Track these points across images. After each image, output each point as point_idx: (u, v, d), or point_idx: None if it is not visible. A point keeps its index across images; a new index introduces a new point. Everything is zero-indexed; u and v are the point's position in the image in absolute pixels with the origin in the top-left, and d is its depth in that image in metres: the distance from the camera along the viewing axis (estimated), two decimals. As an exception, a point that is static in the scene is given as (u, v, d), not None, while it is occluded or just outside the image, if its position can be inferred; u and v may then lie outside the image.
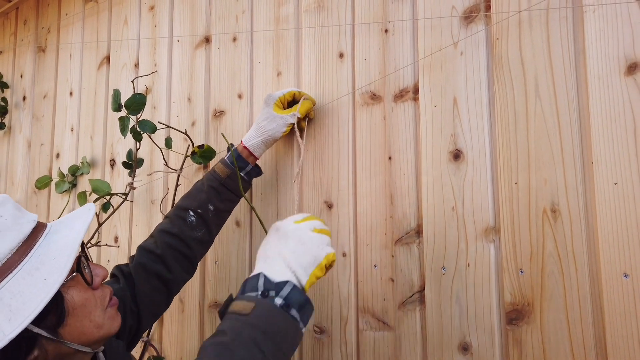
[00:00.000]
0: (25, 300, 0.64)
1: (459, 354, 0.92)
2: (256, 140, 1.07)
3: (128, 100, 1.20)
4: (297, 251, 0.76)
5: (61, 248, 0.70)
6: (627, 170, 0.79)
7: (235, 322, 0.68)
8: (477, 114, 0.94)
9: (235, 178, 1.06)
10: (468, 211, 0.93)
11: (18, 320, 0.63)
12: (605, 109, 0.82)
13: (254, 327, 0.67)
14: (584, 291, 0.81)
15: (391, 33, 1.06)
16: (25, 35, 1.97)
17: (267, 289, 0.71)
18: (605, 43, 0.83)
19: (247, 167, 1.07)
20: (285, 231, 0.79)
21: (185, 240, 1.02)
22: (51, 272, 0.67)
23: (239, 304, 0.70)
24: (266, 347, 0.65)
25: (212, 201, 1.04)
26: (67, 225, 0.75)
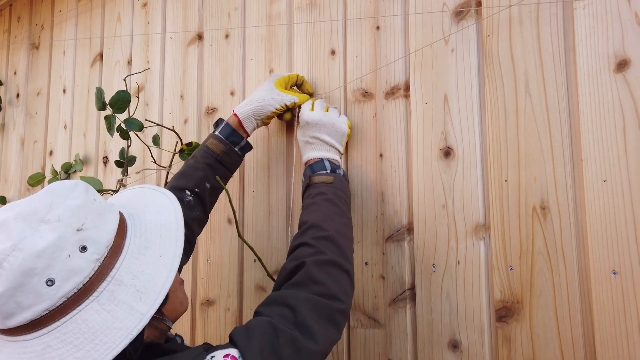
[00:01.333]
0: (149, 278, 0.64)
1: (448, 351, 0.92)
2: (247, 108, 1.05)
3: (112, 99, 1.19)
4: (331, 132, 1.01)
5: (162, 226, 0.70)
6: (616, 167, 0.79)
7: (328, 187, 0.94)
8: (467, 111, 0.94)
9: (231, 154, 1.05)
10: (458, 209, 0.93)
11: (150, 298, 0.63)
12: (594, 106, 0.82)
13: (339, 190, 0.94)
14: (573, 288, 0.81)
15: (382, 30, 1.06)
16: (19, 32, 1.96)
17: (334, 168, 0.98)
18: (595, 40, 0.83)
19: (241, 142, 1.06)
20: (315, 121, 1.01)
21: (185, 222, 1.00)
22: (164, 249, 0.67)
23: (322, 178, 0.95)
24: (347, 200, 0.96)
25: (209, 179, 1.02)
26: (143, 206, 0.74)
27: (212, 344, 0.70)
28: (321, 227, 0.84)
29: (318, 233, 0.83)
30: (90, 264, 0.62)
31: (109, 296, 0.62)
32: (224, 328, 1.23)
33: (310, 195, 0.94)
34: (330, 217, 0.87)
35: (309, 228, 0.86)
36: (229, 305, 1.23)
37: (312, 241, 0.82)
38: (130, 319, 0.61)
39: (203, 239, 1.30)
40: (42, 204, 0.63)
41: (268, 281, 1.16)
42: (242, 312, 1.21)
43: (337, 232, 0.85)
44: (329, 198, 0.91)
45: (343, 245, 0.83)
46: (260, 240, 1.19)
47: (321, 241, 0.82)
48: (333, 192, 0.93)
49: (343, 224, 0.88)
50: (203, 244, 1.30)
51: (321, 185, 0.94)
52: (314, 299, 0.73)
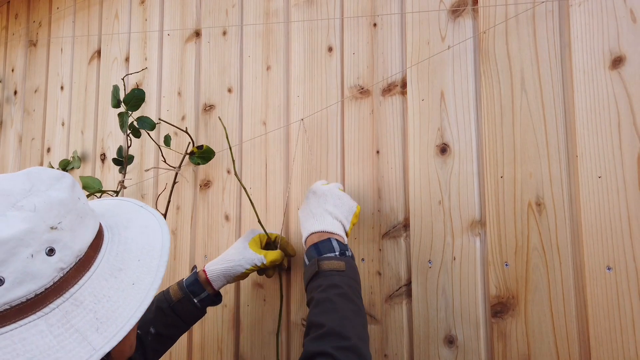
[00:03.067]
0: (115, 307, 0.53)
1: (444, 347, 0.92)
2: (216, 267, 1.00)
3: (127, 96, 1.19)
4: (337, 205, 0.92)
5: (143, 249, 0.60)
6: (611, 163, 0.80)
7: (341, 277, 0.82)
8: (463, 107, 0.94)
9: (186, 303, 0.96)
10: (454, 205, 0.93)
11: (110, 330, 0.52)
12: (590, 102, 0.82)
13: (352, 280, 0.83)
14: (568, 284, 0.82)
15: (379, 27, 1.06)
16: (17, 29, 1.96)
17: (343, 250, 0.87)
18: (590, 37, 0.83)
19: (201, 294, 0.98)
20: (322, 192, 0.94)
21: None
22: (139, 276, 0.57)
23: (332, 264, 0.84)
24: (359, 294, 0.83)
25: (156, 324, 0.94)
26: (125, 222, 0.65)
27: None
28: (342, 334, 0.73)
29: (340, 342, 0.72)
30: (52, 272, 0.51)
31: (62, 317, 0.51)
32: (221, 325, 1.23)
33: (320, 288, 0.81)
34: (349, 320, 0.76)
35: (328, 334, 0.73)
36: (226, 302, 1.23)
37: (334, 352, 0.70)
38: (79, 352, 0.50)
39: (200, 236, 1.30)
40: (19, 187, 0.52)
41: (266, 278, 1.16)
42: (239, 309, 1.21)
43: (359, 338, 0.74)
44: (343, 292, 0.79)
45: (365, 355, 0.73)
46: (258, 236, 1.19)
47: (345, 352, 0.71)
48: (347, 284, 0.81)
49: (362, 325, 0.77)
50: (200, 241, 1.30)
51: (333, 275, 0.82)
52: None
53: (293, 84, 1.17)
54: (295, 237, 1.13)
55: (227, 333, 1.22)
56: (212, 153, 1.21)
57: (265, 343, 1.15)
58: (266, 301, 1.16)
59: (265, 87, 1.22)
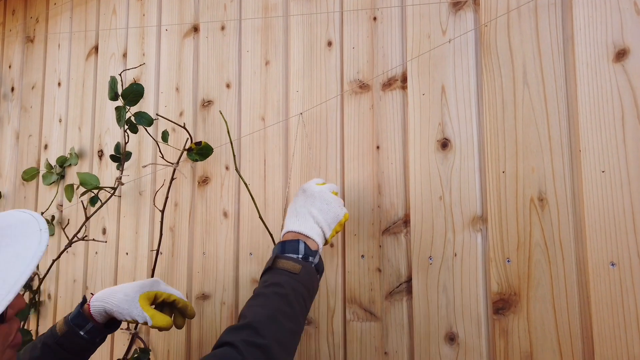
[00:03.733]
0: None
1: (445, 344, 0.91)
2: (100, 304, 0.94)
3: (125, 90, 1.17)
4: (323, 209, 0.89)
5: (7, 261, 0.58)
6: (614, 157, 0.78)
7: (289, 279, 0.79)
8: (465, 102, 0.93)
9: (72, 337, 0.92)
10: (455, 200, 0.92)
11: None
12: (593, 96, 0.81)
13: (302, 285, 0.79)
14: (571, 280, 0.80)
15: (379, 21, 1.05)
16: (14, 25, 1.95)
17: (307, 254, 0.84)
18: (593, 29, 0.82)
19: (87, 326, 0.93)
20: (312, 192, 0.91)
21: None
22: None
23: (287, 264, 0.81)
24: (307, 301, 0.80)
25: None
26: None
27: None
28: (259, 331, 0.71)
29: (253, 338, 0.70)
30: None
31: None
32: (220, 322, 1.22)
33: (266, 283, 0.80)
34: (276, 320, 0.73)
35: (246, 327, 0.71)
36: (225, 299, 1.22)
37: (242, 345, 0.68)
38: None
39: (199, 233, 1.29)
40: None
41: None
42: (238, 305, 1.20)
43: (277, 342, 0.71)
44: (284, 293, 0.77)
45: (276, 358, 0.70)
46: (256, 233, 1.18)
47: (253, 349, 0.68)
48: (292, 287, 0.78)
49: (288, 332, 0.74)
50: (199, 238, 1.29)
51: (283, 274, 0.80)
52: None
53: (292, 79, 1.16)
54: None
55: (226, 331, 1.21)
56: (210, 149, 1.20)
57: (264, 341, 1.14)
58: (265, 298, 1.15)
59: (264, 83, 1.21)
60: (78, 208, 1.57)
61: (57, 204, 1.64)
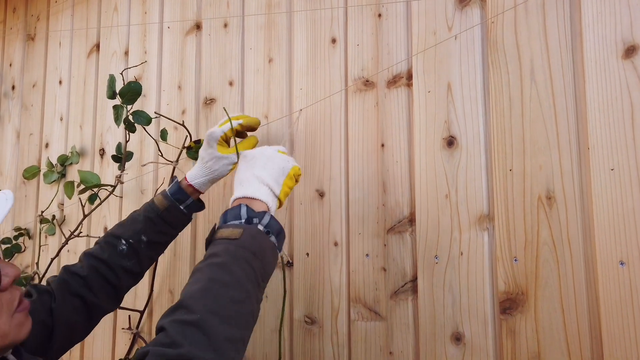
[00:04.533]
0: None
1: (451, 344, 0.90)
2: (202, 179, 1.01)
3: (123, 89, 1.16)
4: (267, 166, 0.84)
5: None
6: (624, 155, 0.77)
7: (227, 245, 0.73)
8: (471, 99, 0.92)
9: (173, 211, 1.00)
10: (462, 199, 0.91)
11: None
12: (602, 93, 0.80)
13: (244, 249, 0.73)
14: (579, 279, 0.79)
15: (384, 18, 1.04)
16: (15, 23, 1.94)
17: (251, 216, 0.78)
18: (602, 26, 0.81)
19: (187, 201, 1.01)
20: (252, 155, 0.87)
21: (113, 267, 0.95)
22: None
23: (226, 231, 0.75)
24: (256, 265, 0.73)
25: (147, 232, 0.98)
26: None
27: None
28: (189, 307, 0.65)
29: (182, 316, 0.65)
30: None
31: None
32: (222, 322, 1.21)
33: (204, 257, 0.75)
34: (208, 291, 0.67)
35: (177, 308, 0.67)
36: (227, 299, 1.21)
37: (170, 327, 0.63)
38: None
39: (201, 231, 1.28)
40: None
41: (267, 274, 1.14)
42: (241, 305, 1.19)
43: (211, 313, 0.65)
44: (220, 262, 0.71)
45: (214, 332, 0.63)
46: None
47: (182, 327, 0.63)
48: (231, 254, 0.72)
49: (229, 300, 0.67)
50: (201, 237, 1.28)
51: (221, 243, 0.74)
52: None
53: (295, 76, 1.15)
54: (300, 232, 1.11)
55: (229, 330, 1.20)
56: None
57: (267, 340, 1.13)
58: (268, 298, 1.14)
59: (267, 80, 1.20)
60: (79, 207, 1.56)
61: (57, 203, 1.63)
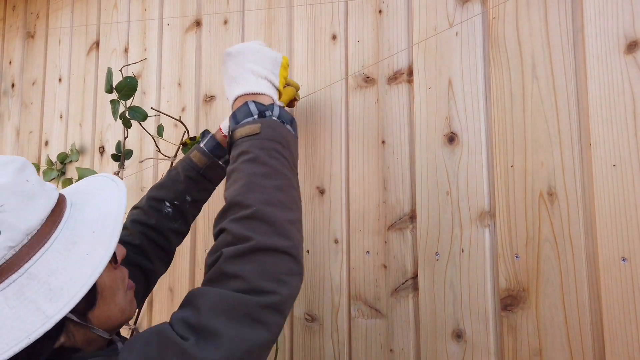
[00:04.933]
0: (67, 278, 0.57)
1: (452, 341, 0.89)
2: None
3: (119, 84, 1.16)
4: (258, 60, 0.83)
5: (98, 220, 0.63)
6: (626, 151, 0.77)
7: (252, 141, 0.74)
8: (472, 95, 0.92)
9: (214, 167, 0.98)
10: (463, 195, 0.91)
11: (62, 300, 0.55)
12: (604, 88, 0.79)
13: (270, 141, 0.75)
14: (581, 276, 0.79)
15: (385, 14, 1.03)
16: (14, 21, 1.93)
17: (262, 110, 0.78)
18: (604, 21, 0.80)
19: (225, 156, 0.98)
20: (237, 50, 0.85)
21: (162, 231, 0.95)
22: (94, 246, 0.60)
23: (244, 130, 0.76)
24: (286, 154, 0.75)
25: (190, 192, 0.97)
26: (91, 197, 0.67)
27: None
28: (241, 203, 0.69)
29: (238, 213, 0.68)
30: (1, 250, 0.55)
31: (17, 291, 0.55)
32: (222, 319, 1.21)
33: (232, 159, 0.76)
34: (253, 185, 0.70)
35: (228, 208, 0.70)
36: (228, 296, 1.20)
37: (230, 226, 0.67)
38: (33, 321, 0.54)
39: (201, 229, 1.27)
40: None
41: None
42: (241, 303, 1.19)
43: (265, 204, 0.68)
44: (252, 158, 0.73)
45: (275, 219, 0.67)
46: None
47: (243, 223, 0.67)
48: (259, 146, 0.74)
49: (274, 188, 0.71)
50: (201, 234, 1.27)
51: (244, 141, 0.76)
52: (226, 296, 0.61)
53: (296, 72, 1.14)
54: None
55: (229, 328, 1.20)
56: None
57: (268, 338, 1.12)
58: (268, 295, 1.14)
59: (267, 77, 1.19)
60: (79, 204, 1.55)
61: (58, 201, 1.63)
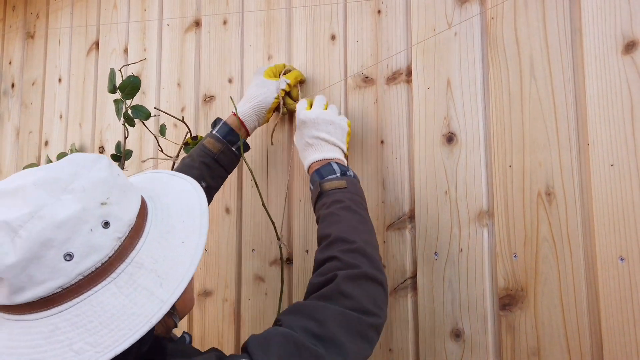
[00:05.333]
0: (171, 264, 0.60)
1: (451, 341, 0.90)
2: (246, 107, 1.02)
3: (123, 83, 1.16)
4: (331, 132, 0.95)
5: (183, 211, 0.66)
6: (623, 151, 0.77)
7: (342, 193, 0.86)
8: (471, 95, 0.92)
9: (228, 153, 1.01)
10: (461, 195, 0.91)
11: (172, 285, 0.58)
12: (601, 88, 0.80)
13: (356, 195, 0.87)
14: (579, 275, 0.79)
15: (384, 14, 1.03)
16: (14, 21, 1.93)
17: (343, 170, 0.91)
18: (602, 21, 0.81)
19: (237, 142, 1.03)
20: (311, 121, 0.95)
21: None
22: (187, 235, 0.63)
23: (333, 184, 0.88)
24: (364, 207, 0.88)
25: (205, 178, 0.99)
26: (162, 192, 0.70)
27: (219, 349, 0.66)
28: (347, 239, 0.78)
29: (345, 246, 0.77)
30: (111, 242, 0.57)
31: (128, 279, 0.58)
32: (222, 319, 1.21)
33: (325, 205, 0.86)
34: (354, 227, 0.81)
35: (334, 242, 0.79)
36: (227, 296, 1.21)
37: (340, 255, 0.76)
38: (150, 306, 0.56)
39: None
40: (66, 173, 0.59)
41: (267, 271, 1.14)
42: (240, 302, 1.19)
43: (365, 242, 0.79)
44: (346, 206, 0.84)
45: (373, 256, 0.78)
46: (258, 229, 1.17)
47: (351, 254, 0.76)
48: (350, 198, 0.86)
49: (367, 232, 0.82)
50: (200, 234, 1.27)
51: (335, 193, 0.87)
52: (344, 313, 0.68)
53: (295, 73, 1.15)
54: (299, 230, 1.11)
55: (228, 327, 1.20)
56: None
57: (267, 338, 1.13)
58: (267, 295, 1.14)
59: (266, 77, 1.19)
60: (79, 205, 1.56)
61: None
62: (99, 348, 0.53)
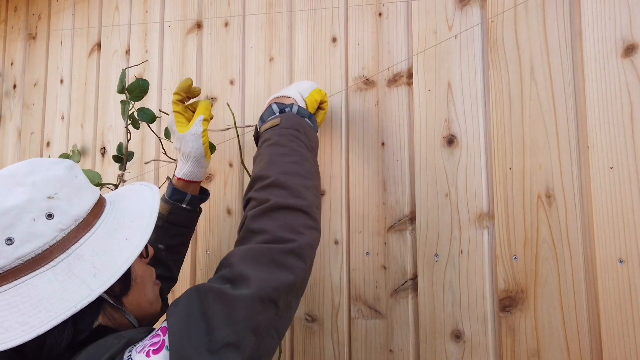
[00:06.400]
0: (109, 257, 0.65)
1: (451, 342, 0.90)
2: (187, 167, 0.99)
3: (131, 85, 1.17)
4: (298, 84, 0.99)
5: (136, 213, 0.72)
6: (623, 154, 0.78)
7: (274, 131, 0.86)
8: (471, 98, 0.92)
9: (178, 212, 1.00)
10: (462, 197, 0.92)
11: (104, 276, 0.63)
12: (601, 91, 0.80)
13: (287, 128, 0.86)
14: (579, 277, 0.80)
15: (385, 17, 1.04)
16: (16, 22, 1.94)
17: (282, 108, 0.91)
18: (602, 25, 0.81)
19: (186, 198, 1.01)
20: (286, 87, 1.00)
21: None
22: (132, 233, 0.68)
23: (267, 124, 0.89)
24: (302, 137, 0.86)
25: (162, 240, 1.00)
26: (129, 195, 0.76)
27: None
28: (262, 176, 0.80)
29: (260, 184, 0.79)
30: (53, 232, 0.63)
31: (65, 268, 0.62)
32: (223, 320, 1.22)
33: (258, 148, 0.89)
34: (272, 162, 0.82)
35: (252, 182, 0.81)
36: (228, 297, 1.21)
37: (255, 194, 0.79)
38: (79, 293, 0.61)
39: (202, 230, 1.28)
40: (23, 170, 0.66)
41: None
42: (242, 303, 1.19)
43: (283, 174, 0.79)
44: (272, 142, 0.85)
45: (291, 185, 0.78)
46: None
47: (264, 190, 0.78)
48: (278, 134, 0.86)
49: (291, 162, 0.82)
50: (202, 235, 1.28)
51: (266, 132, 0.88)
52: (252, 248, 0.70)
53: (296, 75, 1.15)
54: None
55: (229, 328, 1.20)
56: (213, 148, 1.19)
57: (268, 338, 1.13)
58: (269, 296, 1.14)
59: (268, 79, 1.20)
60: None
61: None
62: (26, 327, 0.58)
